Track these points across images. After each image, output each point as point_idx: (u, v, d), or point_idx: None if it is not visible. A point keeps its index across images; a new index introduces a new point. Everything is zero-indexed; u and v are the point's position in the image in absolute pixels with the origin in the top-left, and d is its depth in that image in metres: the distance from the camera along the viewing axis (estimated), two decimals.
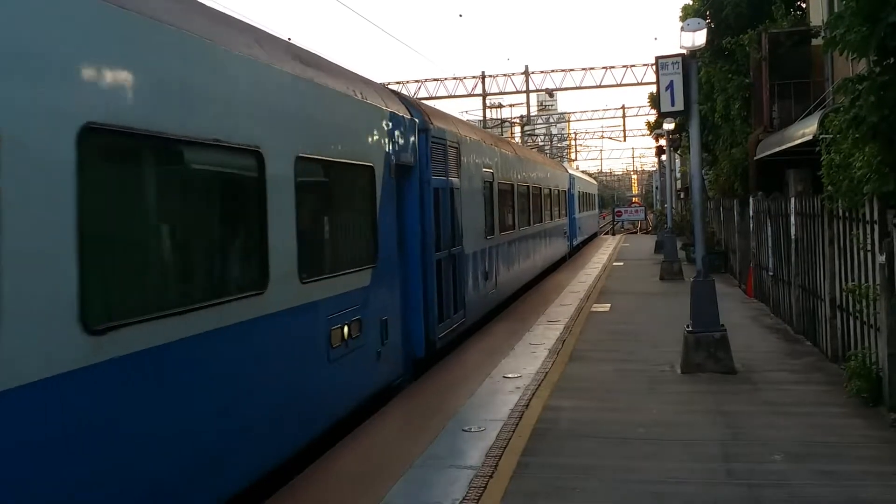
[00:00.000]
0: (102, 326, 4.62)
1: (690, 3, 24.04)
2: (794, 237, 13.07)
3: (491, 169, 15.96)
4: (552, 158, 47.68)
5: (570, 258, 31.12)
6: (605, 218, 69.82)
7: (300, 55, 7.91)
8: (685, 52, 11.14)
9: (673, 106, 11.08)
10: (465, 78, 48.46)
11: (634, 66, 45.98)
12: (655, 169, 62.20)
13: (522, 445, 7.54)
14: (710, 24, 20.12)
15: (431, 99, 44.50)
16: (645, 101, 48.15)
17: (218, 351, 5.79)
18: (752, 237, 18.06)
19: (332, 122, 8.18)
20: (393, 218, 9.81)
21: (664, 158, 36.28)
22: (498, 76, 49.11)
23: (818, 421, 8.18)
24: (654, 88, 20.35)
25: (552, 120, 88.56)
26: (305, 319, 7.22)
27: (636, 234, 59.10)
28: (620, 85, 46.44)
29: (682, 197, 44.23)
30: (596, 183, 58.36)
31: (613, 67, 46.49)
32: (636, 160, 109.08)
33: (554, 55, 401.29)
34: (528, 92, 49.17)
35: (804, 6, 20.90)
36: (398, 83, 44.25)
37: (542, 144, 76.00)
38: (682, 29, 11.28)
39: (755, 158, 18.22)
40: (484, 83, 48.32)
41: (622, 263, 29.13)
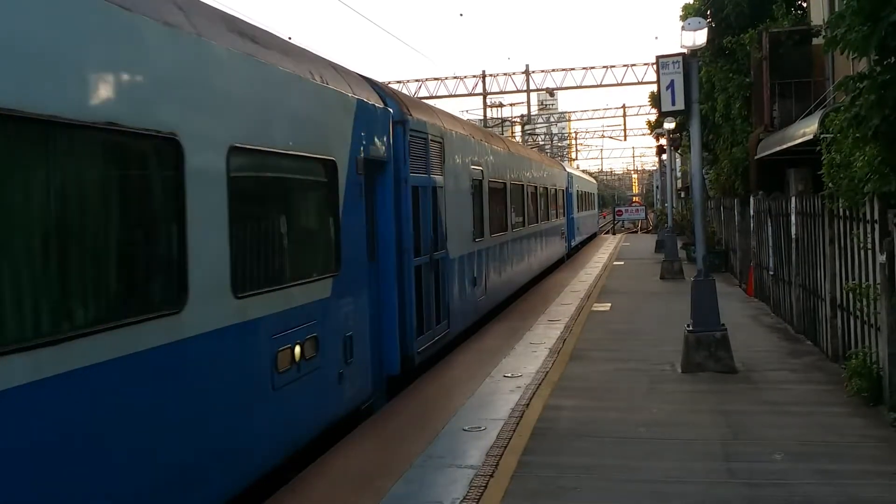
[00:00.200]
0: None
1: (691, 2, 23.99)
2: (794, 236, 13.08)
3: (480, 166, 15.06)
4: (552, 157, 47.62)
5: (568, 259, 30.62)
6: (605, 217, 69.83)
7: (243, 29, 6.73)
8: (686, 51, 11.16)
9: (674, 105, 11.09)
10: (465, 77, 48.40)
11: (635, 65, 45.98)
12: (656, 168, 62.20)
13: (523, 445, 7.54)
14: (710, 23, 20.13)
15: (432, 98, 44.45)
16: (646, 100, 48.22)
17: (109, 389, 4.59)
18: (752, 236, 18.08)
19: (281, 108, 6.97)
20: (361, 220, 8.72)
21: (665, 158, 36.23)
22: (498, 75, 49.04)
23: (818, 420, 8.19)
24: (654, 88, 20.32)
25: (553, 119, 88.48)
26: (241, 341, 6.03)
27: (636, 233, 59.10)
28: (621, 84, 46.36)
29: (682, 196, 44.20)
30: (595, 182, 58.18)
31: (614, 66, 46.44)
32: (637, 159, 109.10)
33: (555, 54, 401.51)
34: (528, 91, 49.07)
35: (805, 5, 20.86)
36: (399, 82, 44.21)
37: (542, 144, 76.02)
38: (682, 28, 11.30)
39: (756, 158, 18.20)
40: (484, 82, 48.26)
41: (623, 263, 29.14)
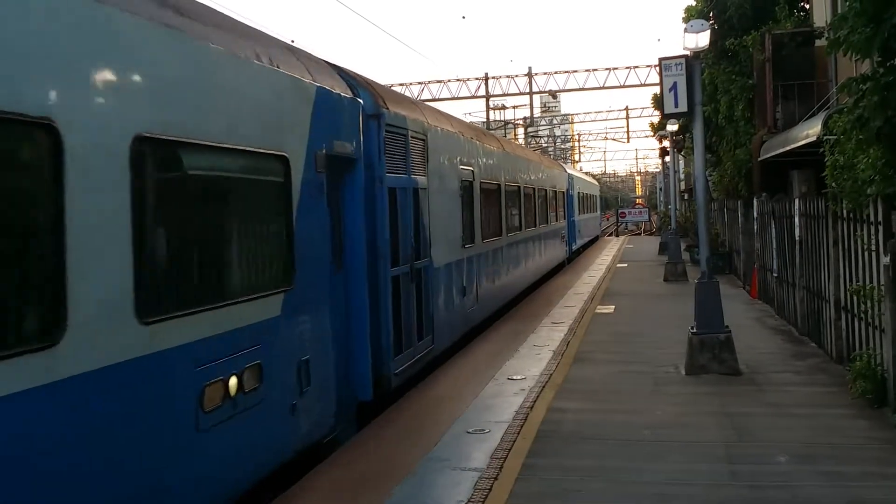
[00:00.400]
0: None
1: (694, 4, 24.04)
2: (798, 238, 13.07)
3: (471, 167, 14.06)
4: (555, 160, 47.54)
5: (569, 264, 29.94)
6: (608, 219, 69.75)
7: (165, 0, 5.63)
8: (689, 53, 11.16)
9: (676, 107, 11.10)
10: (468, 80, 48.42)
11: (638, 67, 45.91)
12: (659, 170, 62.12)
13: (527, 447, 7.55)
14: (713, 25, 20.12)
15: (434, 100, 44.43)
16: (648, 102, 48.09)
17: None
18: (756, 238, 18.06)
19: (213, 93, 5.88)
20: (323, 225, 7.63)
21: (668, 160, 36.25)
22: (501, 78, 49.08)
23: (823, 422, 8.18)
24: (657, 90, 20.28)
25: (556, 121, 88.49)
26: (147, 379, 4.95)
27: (640, 235, 59.05)
28: (624, 86, 46.33)
29: (685, 198, 44.20)
30: (598, 183, 58.05)
31: (617, 69, 46.43)
32: (640, 161, 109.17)
33: (557, 57, 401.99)
34: (531, 93, 49.13)
35: (808, 7, 20.87)
36: (401, 84, 44.24)
37: (545, 146, 76.03)
38: (685, 30, 11.30)
39: (759, 159, 18.20)
40: (487, 85, 48.33)
41: (626, 265, 29.13)
